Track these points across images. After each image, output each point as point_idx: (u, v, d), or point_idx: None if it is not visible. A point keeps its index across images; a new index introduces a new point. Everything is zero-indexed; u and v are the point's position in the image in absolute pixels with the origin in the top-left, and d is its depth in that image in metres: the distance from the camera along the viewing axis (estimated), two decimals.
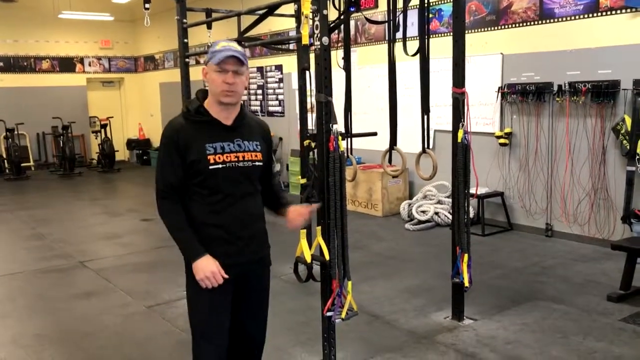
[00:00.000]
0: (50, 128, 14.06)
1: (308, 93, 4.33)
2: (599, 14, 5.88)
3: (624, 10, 5.68)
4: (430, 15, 4.77)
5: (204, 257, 2.43)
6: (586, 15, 5.98)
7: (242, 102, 2.55)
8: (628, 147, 5.62)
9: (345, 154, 3.60)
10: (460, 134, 4.00)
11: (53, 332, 4.38)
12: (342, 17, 4.30)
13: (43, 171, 13.92)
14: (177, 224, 2.47)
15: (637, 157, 5.44)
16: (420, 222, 7.29)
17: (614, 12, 5.77)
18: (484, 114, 7.04)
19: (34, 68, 14.35)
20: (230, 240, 2.50)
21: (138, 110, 15.92)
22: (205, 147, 2.43)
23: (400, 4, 4.36)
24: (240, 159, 2.48)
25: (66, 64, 14.77)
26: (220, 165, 2.43)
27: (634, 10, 5.58)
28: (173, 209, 2.47)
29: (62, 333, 4.36)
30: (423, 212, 7.36)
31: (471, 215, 6.41)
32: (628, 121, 5.63)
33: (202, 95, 2.54)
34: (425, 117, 4.39)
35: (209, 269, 2.42)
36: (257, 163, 2.54)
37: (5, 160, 13.25)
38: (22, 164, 13.15)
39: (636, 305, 4.47)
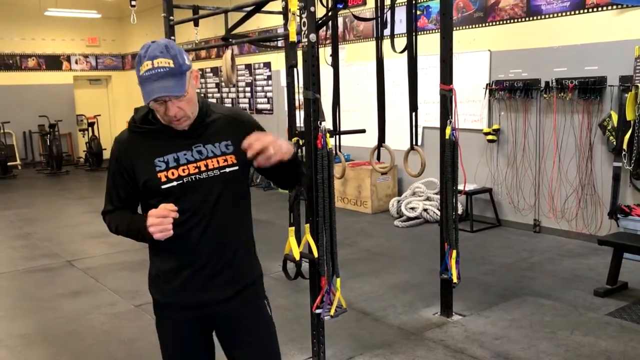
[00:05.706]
0: (37, 126, 13.95)
1: (296, 90, 4.32)
2: (586, 10, 5.91)
3: (609, 7, 5.71)
4: (418, 12, 4.78)
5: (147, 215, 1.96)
6: (573, 12, 6.01)
7: (200, 97, 2.09)
8: (615, 143, 5.66)
9: (334, 151, 3.60)
10: (448, 130, 4.00)
11: (39, 332, 4.35)
12: (329, 14, 4.30)
13: (30, 170, 13.80)
14: (121, 223, 2.14)
15: (624, 153, 5.48)
16: (409, 218, 7.31)
17: (600, 8, 5.80)
18: (472, 110, 7.06)
19: (19, 66, 14.20)
20: (195, 270, 2.06)
21: (126, 108, 15.77)
22: (154, 163, 2.01)
23: (388, 1, 4.36)
24: (203, 168, 2.02)
25: (53, 62, 14.64)
26: (175, 183, 2.00)
27: (619, 6, 5.62)
28: (114, 217, 2.17)
29: (49, 333, 4.33)
30: (412, 208, 7.38)
31: (459, 211, 6.43)
32: (614, 117, 5.66)
33: None
34: (414, 114, 4.39)
35: (153, 219, 1.91)
36: (229, 169, 2.04)
37: None
38: (9, 163, 13.03)
39: (622, 299, 4.51)
